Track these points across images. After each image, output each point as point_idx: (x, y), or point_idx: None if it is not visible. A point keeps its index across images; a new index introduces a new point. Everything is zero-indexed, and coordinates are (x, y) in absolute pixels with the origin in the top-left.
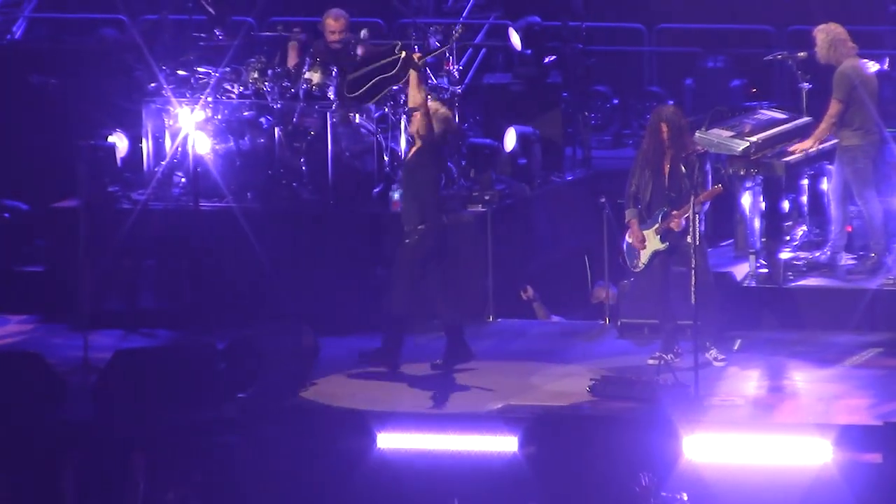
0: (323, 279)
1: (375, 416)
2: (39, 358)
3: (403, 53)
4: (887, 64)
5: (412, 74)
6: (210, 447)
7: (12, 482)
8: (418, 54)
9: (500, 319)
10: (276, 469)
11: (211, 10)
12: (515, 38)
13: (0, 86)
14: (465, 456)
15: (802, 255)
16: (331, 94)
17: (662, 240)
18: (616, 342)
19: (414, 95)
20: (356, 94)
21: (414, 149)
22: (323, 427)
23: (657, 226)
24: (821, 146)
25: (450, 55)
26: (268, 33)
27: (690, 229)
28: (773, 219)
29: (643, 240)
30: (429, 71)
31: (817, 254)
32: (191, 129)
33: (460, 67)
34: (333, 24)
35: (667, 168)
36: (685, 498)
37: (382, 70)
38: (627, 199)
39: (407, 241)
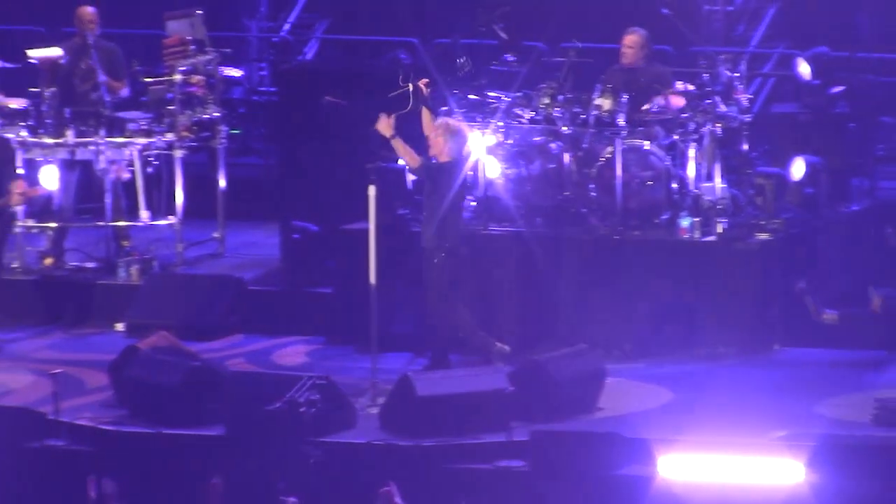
0: (610, 305)
1: (659, 443)
2: (329, 381)
3: (410, 86)
4: None
5: (424, 110)
6: (494, 472)
7: None
8: (424, 81)
9: (785, 348)
10: (557, 495)
11: (503, 34)
12: (804, 68)
13: (292, 107)
14: (749, 488)
15: None
16: (621, 121)
17: None
18: None
19: (427, 124)
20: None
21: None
22: (603, 453)
23: None
24: None
25: (739, 84)
26: (559, 59)
27: None
28: None
29: None
30: (717, 99)
31: None
32: (481, 153)
33: (750, 96)
34: (626, 39)
35: None
36: None
37: (398, 106)
38: None
39: (434, 261)
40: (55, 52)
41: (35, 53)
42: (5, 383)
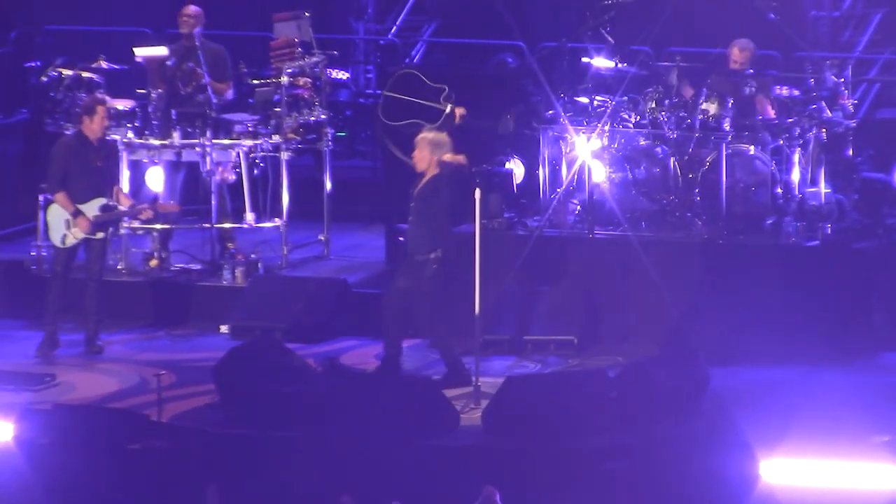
0: (714, 310)
1: (760, 447)
2: (433, 384)
3: (449, 108)
4: None
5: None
6: (597, 474)
7: None
8: (461, 110)
9: (889, 353)
10: (659, 498)
11: (610, 38)
12: None
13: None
14: (850, 493)
15: None
16: (727, 126)
17: None
18: None
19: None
20: (389, 120)
21: (428, 176)
22: (705, 457)
23: None
24: None
25: (845, 89)
26: (666, 63)
27: None
28: None
29: None
30: (823, 104)
31: None
32: (587, 157)
33: (855, 101)
34: (738, 54)
35: None
36: None
37: (427, 115)
38: None
39: (426, 270)
40: (161, 50)
41: (141, 52)
42: (109, 384)
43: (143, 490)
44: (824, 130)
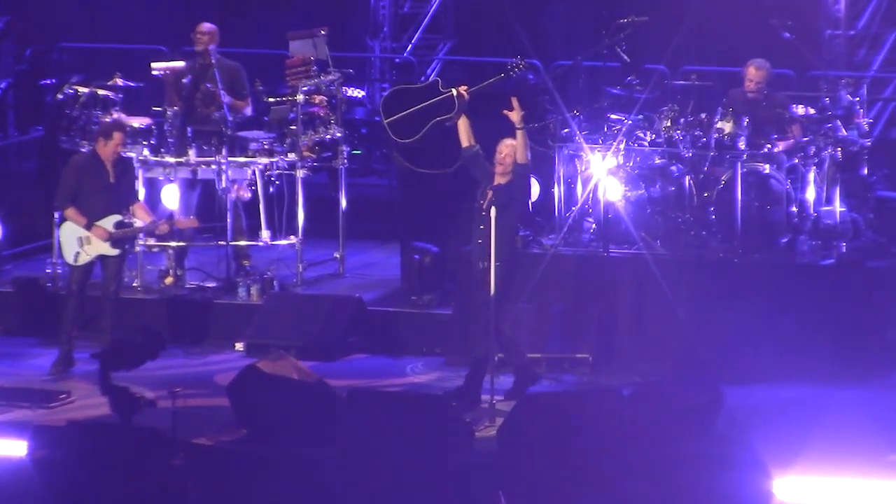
0: (729, 328)
1: (775, 465)
2: (448, 402)
3: (454, 91)
4: None
5: (463, 118)
6: (611, 493)
7: None
8: (464, 87)
9: None
10: None
11: (625, 57)
12: None
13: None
14: None
15: None
16: (742, 144)
17: None
18: None
19: (464, 134)
20: (408, 138)
21: (502, 182)
22: (720, 475)
23: None
24: None
25: (860, 108)
26: (681, 82)
27: None
28: None
29: None
30: (838, 123)
31: None
32: (602, 175)
33: (870, 120)
34: (754, 73)
35: None
36: None
37: (439, 110)
38: None
39: (497, 276)
40: (178, 64)
41: (158, 66)
42: None
43: None
44: (839, 149)
